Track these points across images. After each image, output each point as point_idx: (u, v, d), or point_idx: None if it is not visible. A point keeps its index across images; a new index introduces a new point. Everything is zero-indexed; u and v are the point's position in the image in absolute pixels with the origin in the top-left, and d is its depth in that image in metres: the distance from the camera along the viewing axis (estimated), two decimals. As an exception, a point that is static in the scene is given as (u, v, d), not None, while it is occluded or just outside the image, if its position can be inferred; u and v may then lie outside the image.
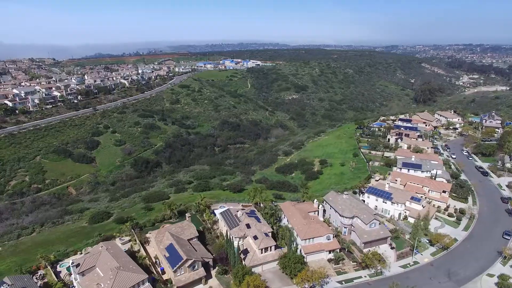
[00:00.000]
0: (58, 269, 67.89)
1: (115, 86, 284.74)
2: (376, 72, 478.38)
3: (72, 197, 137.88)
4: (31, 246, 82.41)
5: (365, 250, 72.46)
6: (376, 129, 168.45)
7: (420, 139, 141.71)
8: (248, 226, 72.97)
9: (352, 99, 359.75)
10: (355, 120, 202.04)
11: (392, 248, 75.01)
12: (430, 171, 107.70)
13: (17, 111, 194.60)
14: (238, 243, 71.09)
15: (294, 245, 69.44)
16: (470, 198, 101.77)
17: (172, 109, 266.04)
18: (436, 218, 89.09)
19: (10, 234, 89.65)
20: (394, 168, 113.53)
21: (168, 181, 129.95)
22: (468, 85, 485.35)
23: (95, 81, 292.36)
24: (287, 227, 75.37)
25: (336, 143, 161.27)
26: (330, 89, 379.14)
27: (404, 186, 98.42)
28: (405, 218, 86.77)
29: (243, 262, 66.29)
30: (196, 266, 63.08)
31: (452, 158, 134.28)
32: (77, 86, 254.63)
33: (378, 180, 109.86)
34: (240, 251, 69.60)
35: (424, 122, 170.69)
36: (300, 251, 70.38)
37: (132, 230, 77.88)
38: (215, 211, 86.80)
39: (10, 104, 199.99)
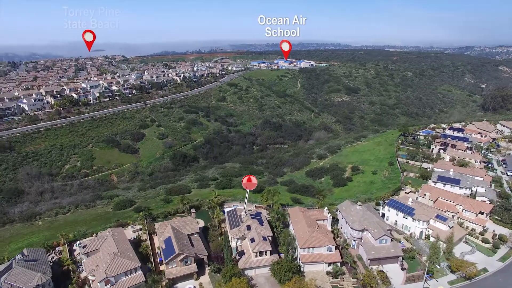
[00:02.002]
0: (74, 247, 74.58)
1: (168, 82, 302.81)
2: (440, 76, 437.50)
3: (113, 184, 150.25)
4: (62, 224, 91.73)
5: (375, 267, 67.17)
6: (422, 138, 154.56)
7: (469, 151, 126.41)
8: (248, 227, 72.38)
9: (407, 104, 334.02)
10: (402, 126, 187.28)
11: (403, 269, 68.30)
12: (470, 188, 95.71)
13: (80, 103, 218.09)
14: (236, 244, 71.08)
15: (291, 252, 67.05)
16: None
17: (218, 106, 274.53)
18: (466, 242, 78.83)
19: (50, 211, 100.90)
20: (429, 181, 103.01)
21: (196, 176, 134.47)
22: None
23: (151, 77, 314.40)
24: (289, 233, 72.97)
25: (374, 150, 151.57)
26: (384, 93, 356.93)
27: (434, 202, 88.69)
28: (427, 237, 78.35)
29: (238, 264, 66.10)
30: (188, 261, 64.44)
31: (508, 175, 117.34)
32: (133, 82, 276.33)
33: (408, 193, 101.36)
34: (236, 252, 69.73)
35: (480, 133, 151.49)
36: (299, 259, 67.97)
37: (145, 220, 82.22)
38: (225, 209, 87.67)
39: (75, 96, 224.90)
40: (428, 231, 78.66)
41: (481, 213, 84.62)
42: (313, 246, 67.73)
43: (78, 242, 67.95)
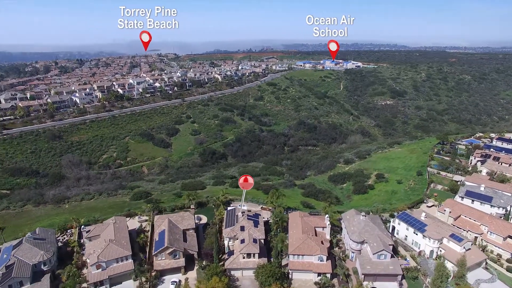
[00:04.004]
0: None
1: (208, 80, 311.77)
2: (506, 79, 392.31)
3: (143, 175, 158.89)
4: (84, 209, 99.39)
5: (364, 283, 62.94)
6: (463, 147, 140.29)
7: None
8: (242, 228, 71.90)
9: (459, 110, 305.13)
10: (444, 134, 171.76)
11: (401, 289, 62.92)
12: (504, 207, 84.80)
13: (124, 98, 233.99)
14: (228, 243, 71.21)
15: (279, 257, 65.37)
16: (559, 254, 76.02)
17: (254, 105, 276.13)
18: (486, 268, 70.02)
19: (77, 197, 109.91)
20: (456, 196, 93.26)
21: (216, 173, 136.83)
22: None
23: (195, 74, 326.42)
24: (283, 238, 71.03)
25: (405, 158, 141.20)
26: (434, 97, 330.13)
27: (456, 219, 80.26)
28: (439, 257, 71.05)
29: (225, 263, 66.16)
30: (177, 255, 65.93)
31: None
32: (176, 79, 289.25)
33: (430, 207, 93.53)
34: (227, 251, 69.94)
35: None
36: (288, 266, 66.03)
37: (151, 212, 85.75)
38: (228, 208, 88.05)
39: (121, 91, 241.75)
40: (440, 250, 71.37)
41: (510, 237, 74.56)
42: (303, 253, 65.20)
43: (81, 226, 73.22)
